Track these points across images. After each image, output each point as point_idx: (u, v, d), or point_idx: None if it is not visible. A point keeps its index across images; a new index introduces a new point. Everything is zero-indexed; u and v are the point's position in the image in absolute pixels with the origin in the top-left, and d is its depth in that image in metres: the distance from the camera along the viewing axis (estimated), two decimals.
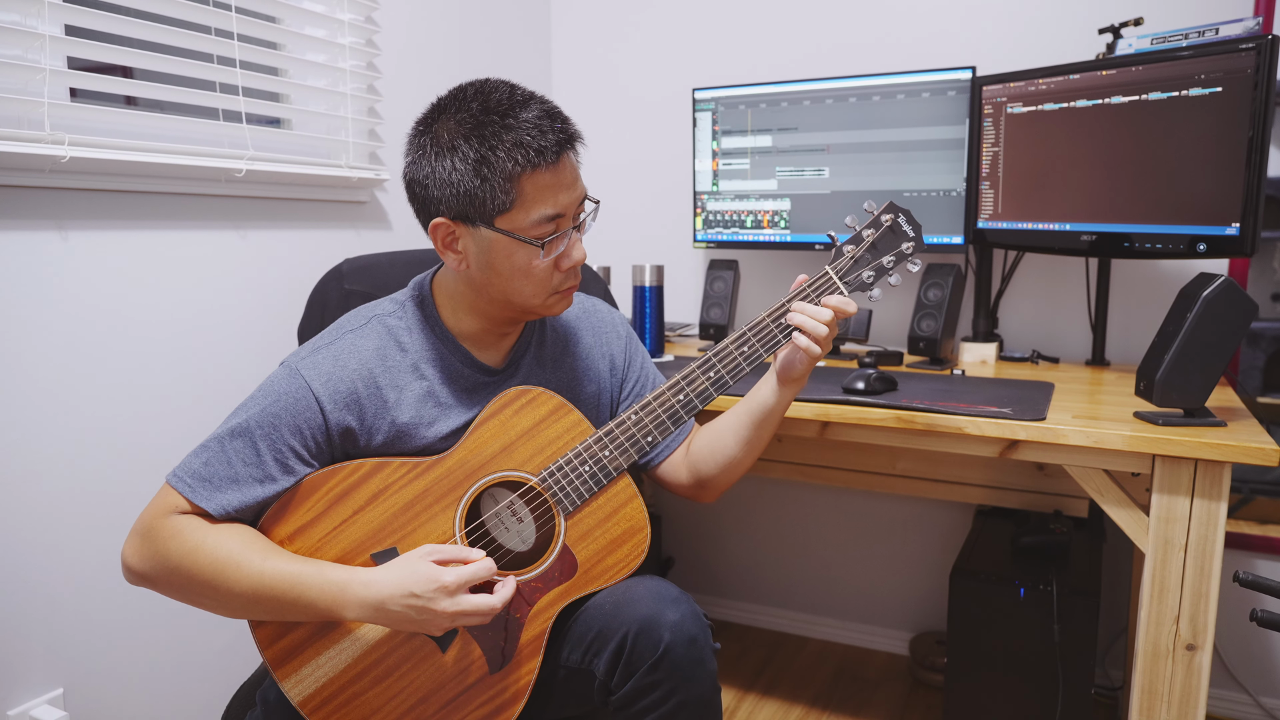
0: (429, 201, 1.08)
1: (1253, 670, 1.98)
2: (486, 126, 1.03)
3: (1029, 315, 2.11)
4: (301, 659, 1.09)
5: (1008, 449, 1.43)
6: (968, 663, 1.76)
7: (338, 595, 1.02)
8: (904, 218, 1.21)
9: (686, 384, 1.16)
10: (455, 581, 1.02)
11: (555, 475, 1.13)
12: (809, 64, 2.25)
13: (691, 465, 1.29)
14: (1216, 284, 1.30)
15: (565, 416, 1.14)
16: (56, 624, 1.42)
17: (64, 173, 1.38)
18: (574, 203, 1.09)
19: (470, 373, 1.17)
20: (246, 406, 1.08)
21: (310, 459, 1.09)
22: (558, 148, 1.04)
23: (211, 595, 1.03)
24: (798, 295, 1.17)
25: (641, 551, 1.13)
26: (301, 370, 1.09)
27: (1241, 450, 1.25)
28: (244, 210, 1.68)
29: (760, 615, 2.53)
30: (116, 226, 1.47)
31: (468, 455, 1.12)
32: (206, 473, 1.05)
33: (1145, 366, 1.38)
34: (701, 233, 2.25)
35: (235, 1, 1.62)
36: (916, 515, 2.29)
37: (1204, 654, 1.32)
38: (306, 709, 1.09)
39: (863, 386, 1.56)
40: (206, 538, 1.03)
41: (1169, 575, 1.33)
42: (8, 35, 1.32)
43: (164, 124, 1.54)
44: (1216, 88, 1.52)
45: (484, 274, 1.10)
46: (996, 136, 1.87)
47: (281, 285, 1.75)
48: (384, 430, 1.12)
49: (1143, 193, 1.65)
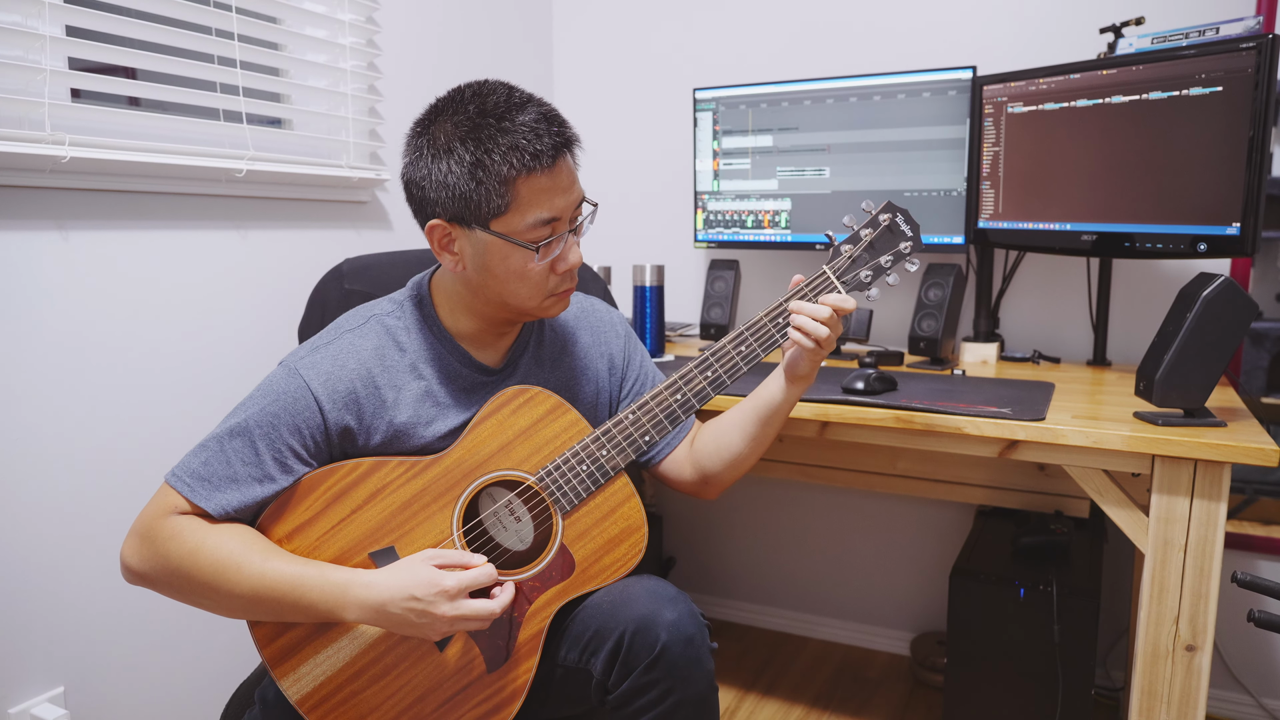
0: (425, 203, 1.08)
1: (1255, 671, 1.97)
2: (483, 129, 1.03)
3: (1030, 315, 2.11)
4: (299, 657, 1.09)
5: (1007, 449, 1.43)
6: (968, 663, 1.76)
7: (339, 597, 1.03)
8: (902, 217, 1.21)
9: (684, 384, 1.16)
10: (456, 586, 1.02)
11: (553, 474, 1.13)
12: (809, 64, 2.25)
13: (695, 461, 1.29)
14: (1216, 284, 1.30)
15: (563, 416, 1.14)
16: (57, 622, 1.43)
17: (64, 173, 1.38)
18: (570, 206, 1.09)
19: (468, 372, 1.17)
20: (245, 406, 1.08)
21: (309, 458, 1.09)
22: (554, 151, 1.04)
23: (211, 596, 1.03)
24: (795, 295, 1.17)
25: (639, 551, 1.13)
26: (300, 370, 1.09)
27: (1241, 450, 1.24)
28: (245, 210, 1.69)
29: (761, 615, 2.52)
30: (117, 226, 1.48)
31: (465, 455, 1.12)
32: (205, 472, 1.05)
33: (1145, 366, 1.38)
34: (702, 232, 2.25)
35: (236, 2, 1.63)
36: (917, 515, 2.29)
37: (1204, 655, 1.32)
38: (304, 707, 1.10)
39: (862, 386, 1.56)
40: (207, 538, 1.03)
41: (1168, 576, 1.33)
42: (8, 36, 1.32)
43: (164, 124, 1.55)
44: (1217, 87, 1.51)
45: (480, 276, 1.10)
46: (997, 136, 1.86)
47: (282, 285, 1.76)
48: (382, 430, 1.12)
49: (1143, 192, 1.65)
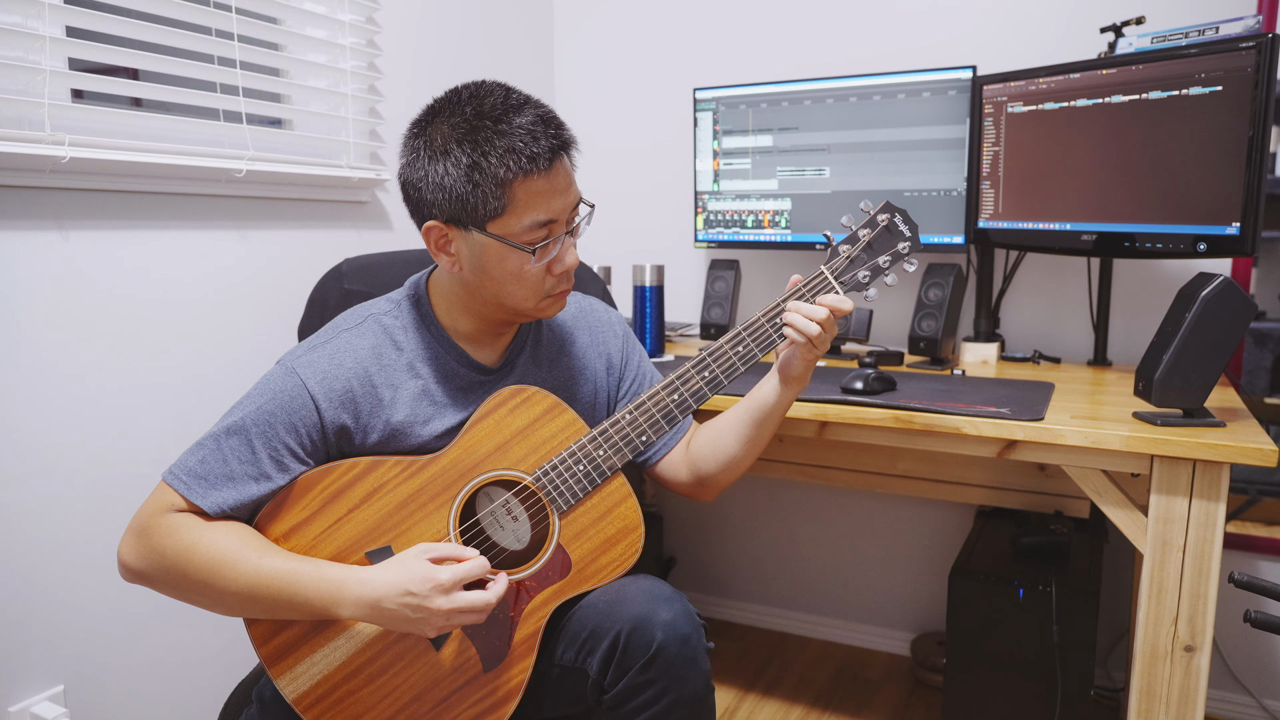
0: (422, 204, 1.08)
1: (1255, 672, 1.97)
2: (479, 131, 1.03)
3: (1031, 315, 2.10)
4: (296, 656, 1.10)
5: (1005, 449, 1.43)
6: (967, 663, 1.76)
7: (334, 593, 1.03)
8: (900, 217, 1.21)
9: (681, 384, 1.16)
10: (450, 579, 1.02)
11: (549, 474, 1.13)
12: (810, 64, 2.25)
13: (691, 463, 1.29)
14: (1215, 284, 1.29)
15: (560, 416, 1.14)
16: (58, 621, 1.43)
17: (64, 173, 1.39)
18: (567, 208, 1.09)
19: (466, 372, 1.17)
20: (243, 404, 1.09)
21: (305, 457, 1.09)
22: (550, 154, 1.04)
23: (207, 593, 1.04)
24: (793, 295, 1.17)
25: (635, 551, 1.13)
26: (297, 369, 1.09)
27: (1240, 451, 1.24)
28: (245, 210, 1.69)
29: (762, 615, 2.52)
30: (117, 226, 1.48)
31: (462, 454, 1.12)
32: (202, 470, 1.06)
33: (1144, 367, 1.38)
34: (703, 232, 2.25)
35: (236, 3, 1.63)
36: (918, 516, 2.29)
37: (1202, 655, 1.32)
38: (301, 706, 1.10)
39: (861, 386, 1.56)
40: (203, 536, 1.03)
41: (1167, 576, 1.32)
42: (8, 37, 1.32)
43: (164, 124, 1.55)
44: (1216, 86, 1.51)
45: (476, 277, 1.10)
46: (997, 136, 1.86)
47: (283, 285, 1.76)
48: (379, 429, 1.12)
49: (1143, 192, 1.65)
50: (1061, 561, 1.79)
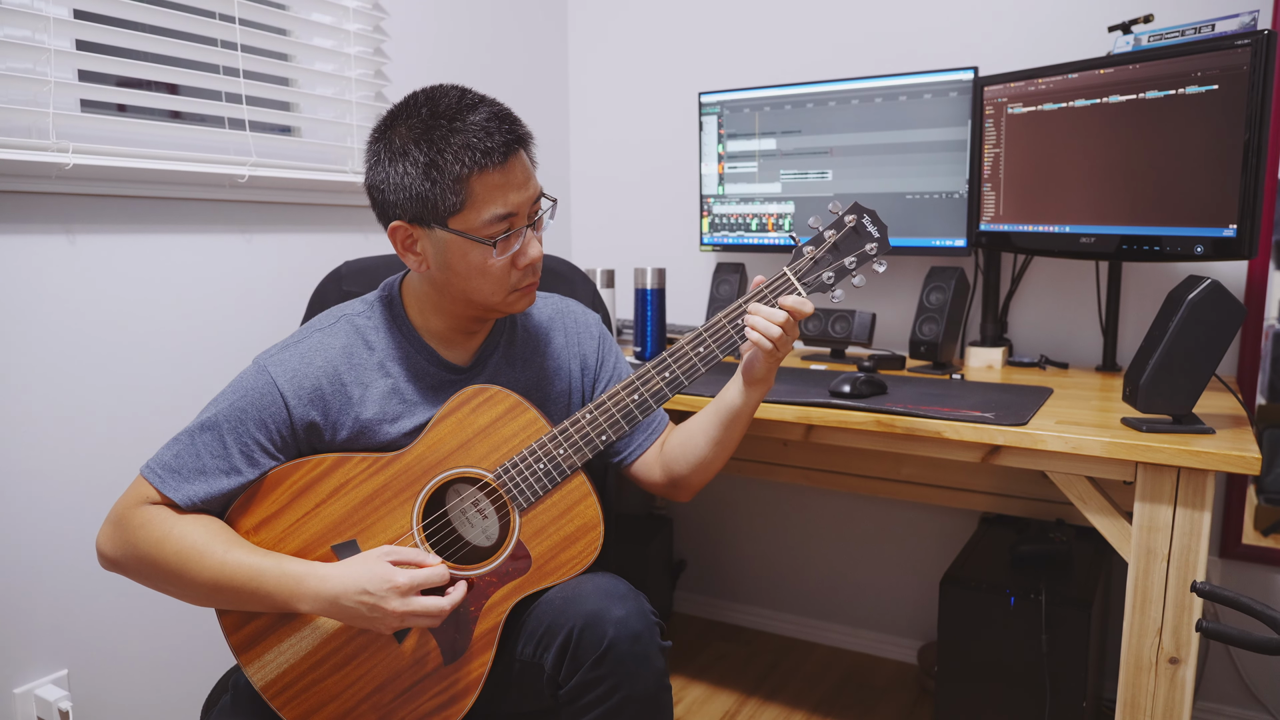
0: (386, 205, 1.11)
1: (1243, 685, 1.90)
2: (435, 130, 1.06)
3: (1040, 319, 2.06)
4: (264, 645, 1.13)
5: (989, 454, 1.41)
6: (958, 672, 1.73)
7: (294, 588, 1.06)
8: (869, 218, 1.20)
9: (641, 384, 1.17)
10: (408, 583, 1.05)
11: (510, 472, 1.15)
12: (813, 67, 2.24)
13: (665, 464, 1.30)
14: (1202, 287, 1.26)
15: (521, 415, 1.16)
16: (61, 607, 1.49)
17: (69, 179, 1.45)
18: (527, 202, 1.11)
19: (436, 371, 1.20)
20: (217, 402, 1.13)
21: (275, 452, 1.13)
22: (505, 149, 1.07)
23: (176, 583, 1.08)
24: (754, 296, 1.17)
25: (595, 549, 1.14)
26: (269, 367, 1.13)
27: (1223, 459, 1.21)
28: (249, 215, 1.74)
29: (770, 620, 2.51)
30: (122, 230, 1.54)
31: (425, 451, 1.15)
32: (176, 464, 1.10)
33: (1131, 372, 1.35)
34: (708, 236, 2.26)
35: (240, 15, 1.69)
36: (924, 522, 2.26)
37: (1187, 668, 1.28)
38: (269, 694, 1.13)
39: (848, 390, 1.55)
40: (173, 528, 1.07)
41: (1151, 586, 1.29)
42: (13, 50, 1.39)
43: (166, 132, 1.61)
44: (1213, 85, 1.47)
45: (443, 274, 1.13)
46: (998, 137, 1.83)
47: (288, 288, 1.81)
48: (348, 425, 1.15)
49: (1141, 194, 1.61)
50: (1058, 570, 1.75)
